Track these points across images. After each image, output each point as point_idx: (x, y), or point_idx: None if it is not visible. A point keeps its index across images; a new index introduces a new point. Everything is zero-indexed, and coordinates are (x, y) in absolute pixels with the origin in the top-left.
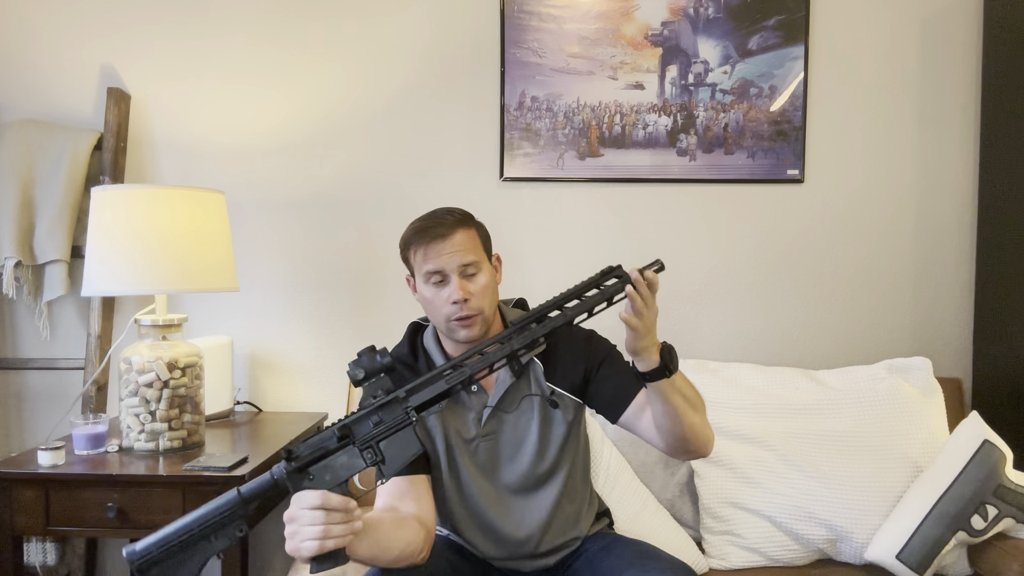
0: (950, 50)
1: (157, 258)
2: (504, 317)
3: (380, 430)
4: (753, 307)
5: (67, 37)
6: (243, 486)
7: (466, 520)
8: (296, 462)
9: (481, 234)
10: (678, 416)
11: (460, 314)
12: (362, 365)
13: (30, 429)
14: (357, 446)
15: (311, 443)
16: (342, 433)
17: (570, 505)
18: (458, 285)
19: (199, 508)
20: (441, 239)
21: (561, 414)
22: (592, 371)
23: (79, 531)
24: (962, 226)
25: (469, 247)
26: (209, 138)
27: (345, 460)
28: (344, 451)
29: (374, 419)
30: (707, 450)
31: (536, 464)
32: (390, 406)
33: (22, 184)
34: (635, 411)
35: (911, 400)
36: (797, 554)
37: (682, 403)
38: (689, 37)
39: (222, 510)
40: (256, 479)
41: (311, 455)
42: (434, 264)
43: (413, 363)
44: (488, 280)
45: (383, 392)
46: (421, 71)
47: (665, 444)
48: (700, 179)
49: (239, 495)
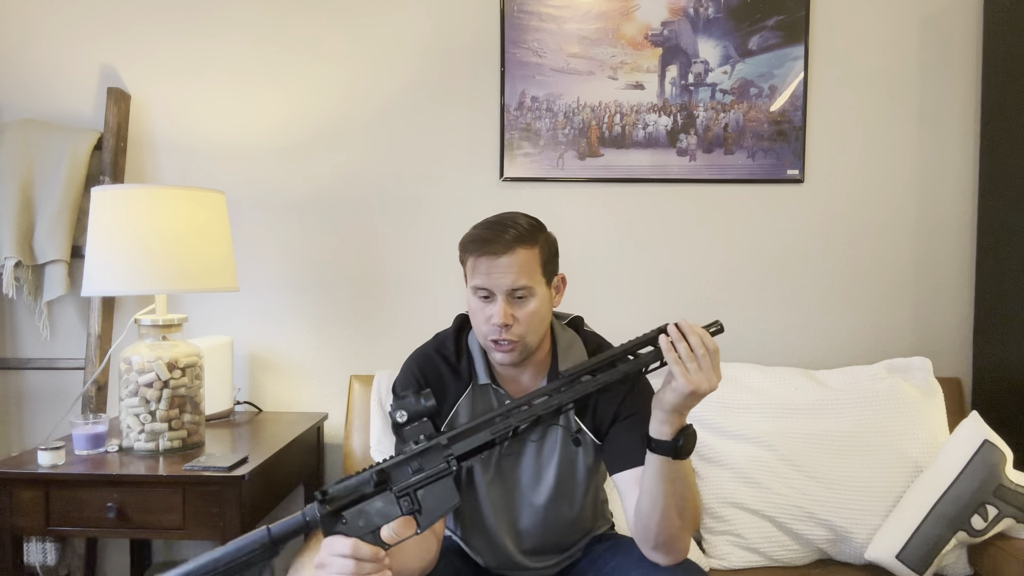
0: (950, 50)
1: (157, 258)
2: (555, 338)
3: (419, 478)
4: (753, 307)
5: (67, 37)
6: (273, 525)
7: (473, 529)
8: (331, 505)
9: (544, 254)
10: (660, 504)
11: (498, 337)
12: (406, 407)
13: (30, 429)
14: (394, 493)
15: (347, 486)
16: (379, 478)
17: (579, 532)
18: (502, 309)
19: (227, 544)
20: (494, 256)
21: (582, 453)
22: (620, 418)
23: (79, 531)
24: (962, 226)
25: (524, 270)
26: (209, 138)
27: (380, 507)
28: (380, 496)
29: (413, 466)
30: (671, 558)
31: (551, 496)
32: (431, 452)
33: (22, 184)
34: (633, 478)
35: (911, 400)
36: (797, 554)
37: (671, 497)
38: (689, 37)
39: (250, 549)
40: (287, 519)
41: (346, 499)
42: (482, 280)
43: (456, 363)
44: (538, 307)
45: (424, 437)
46: (421, 71)
47: (635, 528)
48: (700, 179)
49: (268, 535)
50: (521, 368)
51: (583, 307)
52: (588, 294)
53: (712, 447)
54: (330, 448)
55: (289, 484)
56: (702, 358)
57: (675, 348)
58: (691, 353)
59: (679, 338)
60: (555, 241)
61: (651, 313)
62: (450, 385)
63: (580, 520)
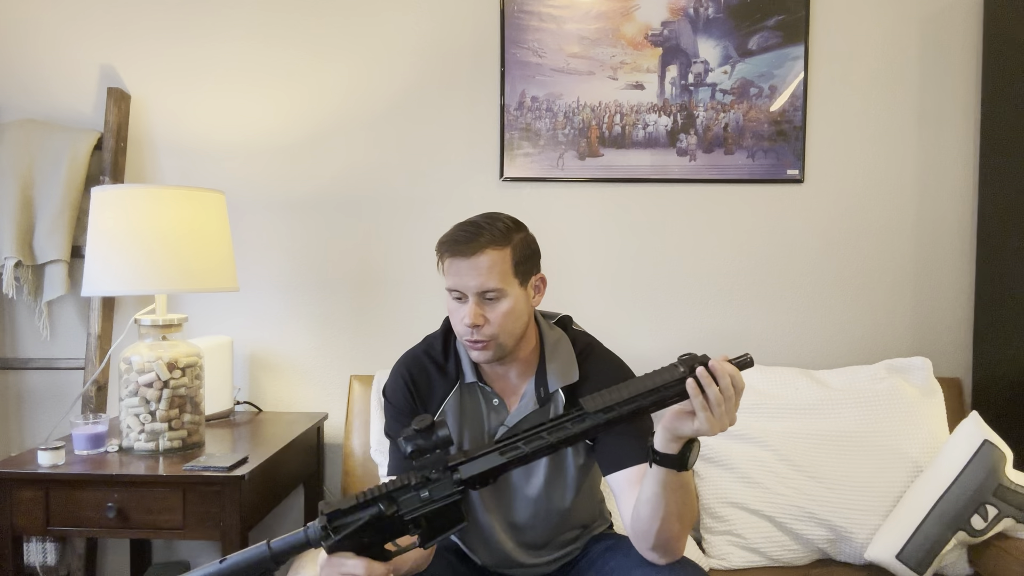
0: (950, 50)
1: (157, 258)
2: (543, 337)
3: (427, 504)
4: (753, 307)
5: (67, 37)
6: (274, 541)
7: (468, 527)
8: (336, 533)
9: (516, 255)
10: (661, 513)
11: (471, 337)
12: (419, 443)
13: (30, 429)
14: (403, 518)
15: (354, 513)
16: (388, 507)
17: (574, 529)
18: (472, 309)
19: (227, 559)
20: (463, 258)
21: (572, 453)
22: None
23: (79, 531)
24: (962, 226)
25: (494, 272)
26: (209, 138)
27: (385, 526)
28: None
29: (423, 495)
30: (668, 558)
31: (542, 493)
32: (441, 479)
33: (22, 184)
34: (627, 479)
35: (911, 400)
36: (797, 554)
37: (673, 505)
38: (689, 37)
39: (249, 563)
40: (288, 536)
41: (352, 526)
42: (452, 281)
43: (443, 363)
44: (511, 307)
45: (437, 470)
46: (421, 71)
47: (633, 530)
48: (700, 179)
49: (269, 550)
50: (507, 366)
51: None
52: (588, 294)
53: (712, 447)
54: (330, 448)
55: (289, 484)
56: (729, 400)
57: (703, 392)
58: (720, 397)
59: (710, 383)
60: (533, 241)
61: (651, 313)
62: (438, 385)
63: (575, 514)
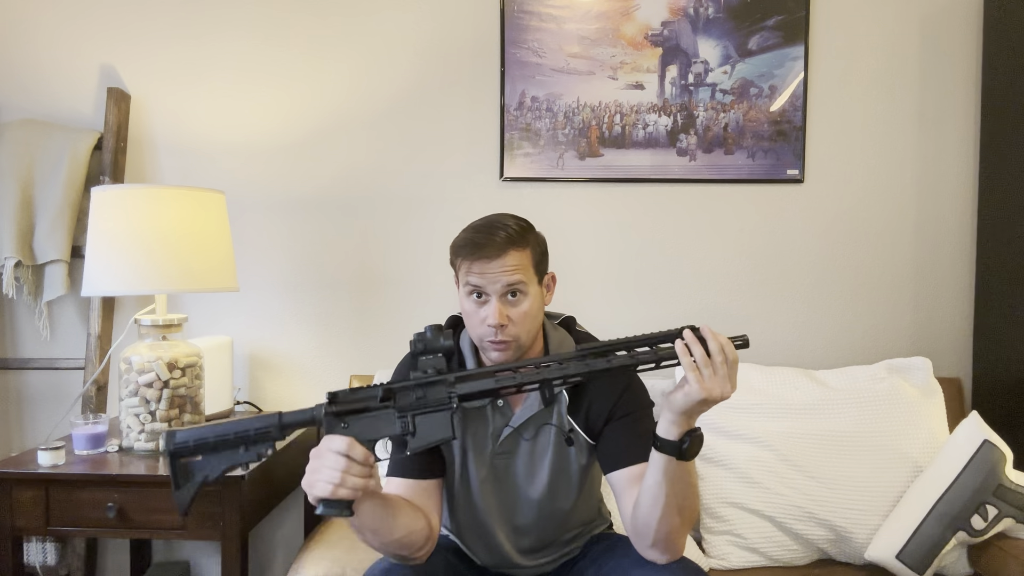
0: (950, 50)
1: (157, 258)
2: (547, 337)
3: (421, 404)
4: (753, 307)
5: (67, 37)
6: (285, 412)
7: (468, 527)
8: (336, 406)
9: (535, 253)
10: (661, 502)
11: (494, 338)
12: (425, 340)
13: (30, 429)
14: (395, 412)
15: (355, 396)
16: (385, 395)
17: (574, 529)
18: (497, 309)
19: (240, 420)
20: (488, 259)
21: (575, 452)
22: (614, 418)
23: (79, 531)
24: (962, 226)
25: (518, 271)
26: (209, 138)
27: (380, 420)
28: (382, 411)
29: (418, 393)
30: (668, 556)
31: (545, 494)
32: (436, 386)
33: (22, 184)
34: (628, 477)
35: (911, 400)
36: (797, 554)
37: (673, 496)
38: (689, 37)
39: (259, 426)
40: (297, 411)
41: (352, 405)
42: (476, 280)
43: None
44: (531, 306)
45: (434, 371)
46: (421, 71)
47: (633, 526)
48: (700, 179)
49: (279, 419)
50: None
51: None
52: (588, 294)
53: (712, 447)
54: None
55: (289, 484)
56: (719, 365)
57: (690, 352)
58: (707, 359)
59: (694, 341)
60: (544, 240)
61: (651, 314)
62: None
63: (576, 514)
